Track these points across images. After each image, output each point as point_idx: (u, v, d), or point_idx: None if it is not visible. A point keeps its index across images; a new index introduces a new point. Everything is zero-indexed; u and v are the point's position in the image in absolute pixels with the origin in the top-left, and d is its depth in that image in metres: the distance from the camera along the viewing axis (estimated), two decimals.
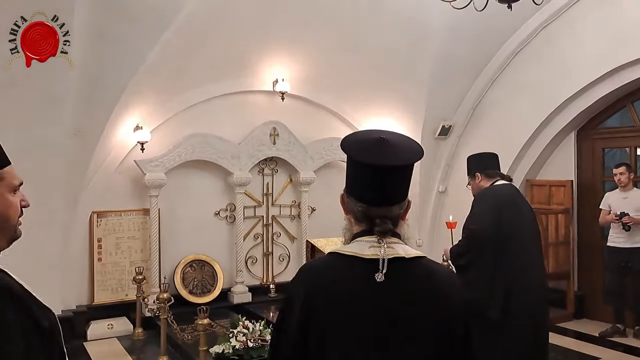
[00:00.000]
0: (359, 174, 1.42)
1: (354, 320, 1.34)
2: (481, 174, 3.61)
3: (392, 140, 1.42)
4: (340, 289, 1.36)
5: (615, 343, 5.38)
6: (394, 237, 1.40)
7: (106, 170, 5.67)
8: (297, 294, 1.40)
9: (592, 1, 5.61)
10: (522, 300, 3.30)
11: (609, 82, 5.65)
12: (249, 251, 6.49)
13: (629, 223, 5.24)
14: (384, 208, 1.39)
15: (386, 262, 1.33)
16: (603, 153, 6.27)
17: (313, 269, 1.48)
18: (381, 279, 1.32)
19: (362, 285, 1.34)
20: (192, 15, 4.88)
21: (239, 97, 6.26)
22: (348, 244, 1.44)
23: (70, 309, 5.42)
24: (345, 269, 1.38)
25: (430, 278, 1.41)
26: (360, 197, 1.41)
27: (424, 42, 5.94)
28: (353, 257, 1.38)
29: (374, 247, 1.36)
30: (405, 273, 1.37)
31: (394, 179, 1.40)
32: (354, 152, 1.43)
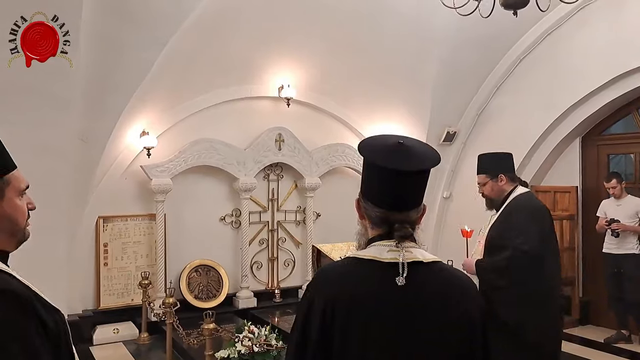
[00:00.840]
0: (379, 179, 1.41)
1: (376, 324, 1.34)
2: (505, 176, 3.30)
3: (410, 145, 1.44)
4: (361, 293, 1.36)
5: (620, 349, 5.36)
6: (412, 241, 1.41)
7: (112, 176, 5.70)
8: (318, 298, 1.39)
9: (597, 8, 5.63)
10: (554, 323, 3.22)
11: (614, 88, 5.66)
12: (254, 256, 6.50)
13: (617, 230, 5.33)
14: (403, 213, 1.40)
15: (406, 266, 1.34)
16: (608, 159, 6.27)
17: (333, 273, 1.47)
18: (402, 282, 1.33)
19: (383, 289, 1.35)
20: (198, 22, 4.91)
21: (244, 103, 6.30)
22: (365, 249, 1.44)
23: (76, 314, 5.45)
24: (365, 273, 1.39)
25: (449, 282, 1.42)
26: (380, 202, 1.41)
27: (429, 48, 5.96)
28: (372, 261, 1.38)
29: (393, 251, 1.37)
30: (424, 277, 1.38)
31: (414, 184, 1.41)
32: (375, 157, 1.43)
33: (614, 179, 5.44)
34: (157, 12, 4.70)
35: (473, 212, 6.79)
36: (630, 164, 6.43)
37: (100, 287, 5.71)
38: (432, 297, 1.37)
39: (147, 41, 4.86)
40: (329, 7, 5.37)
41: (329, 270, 1.52)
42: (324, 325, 1.36)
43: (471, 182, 6.86)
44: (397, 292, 1.34)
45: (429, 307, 1.36)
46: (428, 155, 1.45)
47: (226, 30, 5.27)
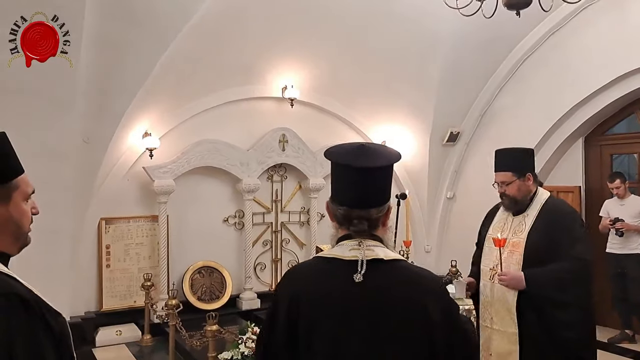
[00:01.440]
0: (340, 178, 1.51)
1: (336, 318, 1.42)
2: (532, 175, 2.99)
3: (371, 147, 1.54)
4: (322, 289, 1.45)
5: (624, 349, 5.36)
6: (374, 240, 1.48)
7: (115, 177, 5.69)
8: (283, 295, 1.51)
9: (600, 8, 5.63)
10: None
11: (617, 88, 5.65)
12: (258, 257, 6.50)
13: (621, 229, 5.32)
14: (363, 210, 1.47)
15: (365, 264, 1.41)
16: (611, 159, 6.26)
17: (296, 272, 1.59)
18: (359, 279, 1.40)
19: (342, 285, 1.42)
20: (201, 22, 4.91)
21: (248, 103, 6.30)
22: (333, 248, 1.52)
23: (78, 315, 5.44)
24: (326, 271, 1.48)
25: (409, 280, 1.47)
26: (342, 200, 1.50)
27: (432, 49, 5.96)
28: (334, 260, 1.47)
29: (354, 249, 1.45)
30: (383, 274, 1.43)
31: (371, 181, 1.48)
32: (335, 156, 1.52)
33: (617, 179, 5.44)
34: (160, 13, 4.69)
35: (477, 213, 6.79)
36: (634, 164, 6.42)
37: (103, 288, 5.71)
38: (390, 294, 1.42)
39: (149, 42, 4.85)
40: (332, 9, 5.36)
41: (294, 270, 1.63)
42: (290, 322, 1.45)
43: (474, 183, 6.90)
44: (356, 288, 1.40)
45: (386, 303, 1.41)
46: (385, 155, 1.53)
47: (229, 31, 5.27)
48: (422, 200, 7.14)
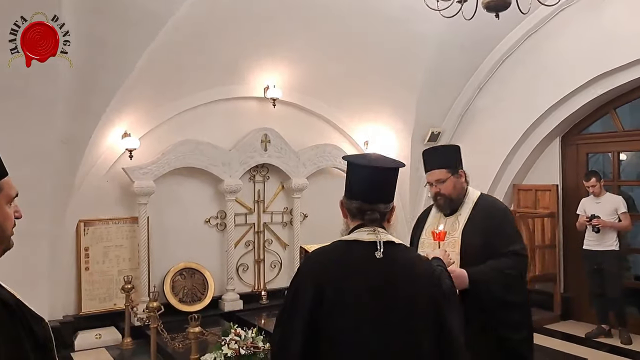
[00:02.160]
0: (355, 177, 1.83)
1: (360, 290, 1.67)
2: (464, 172, 2.88)
3: (380, 155, 1.93)
4: (346, 265, 1.72)
5: (600, 344, 5.48)
6: (384, 229, 1.79)
7: (94, 178, 5.60)
8: (310, 271, 1.76)
9: (576, 10, 5.75)
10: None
11: (592, 89, 5.79)
12: (240, 258, 6.47)
13: (597, 225, 5.43)
14: (374, 205, 1.79)
15: (382, 244, 1.71)
16: (587, 158, 6.40)
17: (322, 252, 1.83)
18: (380, 255, 1.70)
19: (365, 262, 1.71)
20: (182, 22, 4.86)
21: (229, 103, 6.25)
22: (350, 234, 1.80)
23: (56, 319, 5.34)
24: (349, 250, 1.75)
25: (416, 259, 1.86)
26: (356, 196, 1.81)
27: (414, 49, 6.01)
28: (355, 242, 1.76)
29: (371, 234, 1.75)
30: (397, 253, 1.76)
31: (380, 180, 1.81)
32: (355, 159, 1.89)
33: (593, 178, 5.55)
34: (140, 12, 4.62)
35: None
36: (608, 163, 6.57)
37: (82, 291, 5.61)
38: (403, 268, 1.75)
39: (129, 41, 4.78)
40: (315, 9, 5.37)
41: (317, 251, 1.87)
42: (316, 292, 1.67)
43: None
44: (377, 263, 1.70)
45: (401, 276, 1.73)
46: (394, 161, 1.92)
47: (210, 30, 5.23)
48: (405, 200, 7.19)
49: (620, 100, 5.94)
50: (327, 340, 1.64)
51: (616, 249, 5.49)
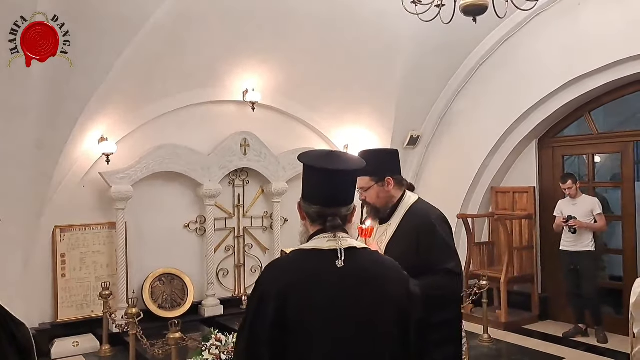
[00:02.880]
0: (314, 180, 1.70)
1: (322, 303, 1.56)
2: (393, 179, 2.60)
3: (339, 153, 1.82)
4: (307, 276, 1.60)
5: (578, 343, 5.58)
6: (345, 233, 1.68)
7: (70, 183, 5.52)
8: (269, 285, 1.60)
9: (551, 15, 5.86)
10: None
11: (567, 92, 5.89)
12: (220, 263, 6.42)
13: (574, 226, 5.54)
14: (334, 209, 1.67)
15: (343, 252, 1.60)
16: (563, 160, 6.51)
17: (280, 263, 1.75)
18: (341, 264, 1.58)
19: (326, 272, 1.59)
20: (158, 25, 4.82)
21: (208, 107, 6.21)
22: (307, 242, 1.69)
23: (32, 327, 5.21)
24: (308, 261, 1.63)
25: (381, 264, 1.71)
26: (316, 200, 1.69)
27: (392, 53, 6.05)
28: (314, 250, 1.64)
29: (331, 240, 1.63)
30: (359, 259, 1.64)
31: (340, 183, 1.69)
32: (312, 161, 1.72)
33: (569, 180, 5.65)
34: (115, 16, 4.59)
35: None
36: (584, 165, 6.70)
37: (58, 299, 5.51)
38: (367, 275, 1.63)
39: (104, 46, 4.74)
40: (294, 13, 5.37)
41: (277, 262, 1.78)
42: (278, 307, 1.54)
43: (434, 185, 7.04)
44: (338, 273, 1.58)
45: (365, 284, 1.61)
46: (354, 160, 1.77)
47: (188, 33, 5.20)
48: None
49: (594, 104, 6.07)
50: (292, 355, 1.55)
51: (592, 250, 5.60)
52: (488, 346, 5.51)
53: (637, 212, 5.77)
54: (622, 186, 5.94)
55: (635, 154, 6.15)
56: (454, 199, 6.74)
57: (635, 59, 5.29)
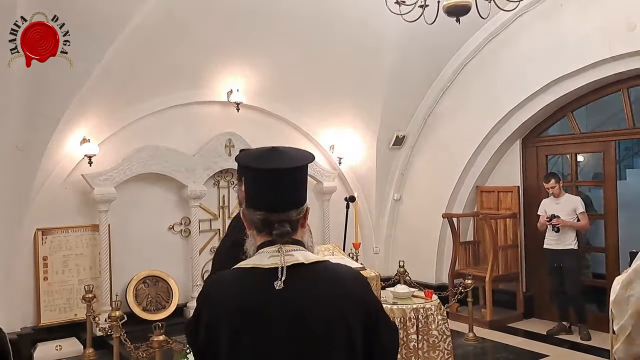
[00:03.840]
0: (255, 182, 1.47)
1: (257, 327, 1.36)
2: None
3: (283, 149, 1.50)
4: (242, 299, 1.39)
5: (561, 340, 5.63)
6: (295, 244, 1.44)
7: (52, 185, 5.44)
8: (203, 309, 1.44)
9: (534, 16, 5.91)
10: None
11: (550, 92, 5.95)
12: (206, 265, 6.35)
13: (557, 225, 5.59)
14: (283, 214, 1.43)
15: (285, 270, 1.36)
16: (546, 160, 6.57)
17: (216, 285, 1.50)
18: (280, 286, 1.35)
19: (263, 294, 1.37)
20: (142, 25, 4.78)
21: (192, 108, 6.16)
22: (253, 257, 1.46)
23: (14, 331, 5.15)
24: (246, 282, 1.41)
25: (332, 280, 1.44)
26: (259, 205, 1.45)
27: (378, 54, 6.06)
28: (254, 269, 1.41)
29: (274, 256, 1.40)
30: (305, 278, 1.39)
31: (287, 183, 1.45)
32: (249, 161, 1.50)
33: (552, 180, 5.71)
34: (98, 16, 4.54)
35: (422, 214, 6.99)
36: (567, 164, 6.78)
37: (41, 302, 5.43)
38: (312, 297, 1.39)
39: (86, 46, 4.68)
40: (278, 13, 5.35)
41: (212, 282, 1.55)
42: (208, 334, 1.39)
43: (419, 185, 7.08)
44: (277, 295, 1.35)
45: (309, 307, 1.37)
46: (298, 156, 1.50)
47: (172, 34, 5.15)
48: (371, 203, 7.24)
49: (576, 103, 6.13)
50: None
51: (575, 248, 5.66)
52: (473, 344, 5.55)
53: (619, 211, 5.85)
54: (604, 185, 6.02)
55: (616, 153, 6.24)
56: (439, 198, 6.78)
57: (616, 59, 5.36)
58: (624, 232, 5.79)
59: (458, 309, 6.31)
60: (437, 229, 6.81)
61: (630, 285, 2.18)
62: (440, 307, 4.41)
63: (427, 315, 4.25)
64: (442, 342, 4.26)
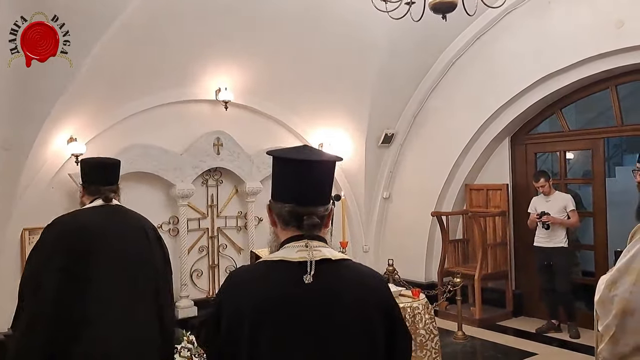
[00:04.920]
0: (287, 175, 1.49)
1: (286, 323, 1.37)
2: (84, 188, 2.97)
3: (313, 148, 1.63)
4: (270, 293, 1.39)
5: (551, 338, 5.65)
6: (321, 241, 1.47)
7: (38, 185, 5.38)
8: (227, 300, 1.44)
9: (522, 13, 5.91)
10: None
11: (539, 90, 5.96)
12: (194, 264, 6.33)
13: (547, 222, 5.60)
14: (310, 207, 1.46)
15: (314, 264, 1.38)
16: (535, 157, 6.58)
17: (242, 277, 1.51)
18: (309, 280, 1.36)
19: (292, 288, 1.38)
20: (129, 22, 4.73)
21: (180, 106, 6.11)
22: (276, 251, 1.48)
23: (1, 332, 5.10)
24: (274, 274, 1.42)
25: (358, 278, 1.48)
26: (288, 197, 1.47)
27: (366, 52, 6.04)
28: (281, 262, 1.42)
29: (302, 251, 1.41)
30: (332, 274, 1.42)
31: (317, 177, 1.49)
32: (282, 153, 1.53)
33: (542, 178, 5.71)
34: (83, 14, 4.49)
35: (411, 212, 6.98)
36: (556, 162, 6.79)
37: None
38: (340, 293, 1.41)
39: (72, 43, 4.62)
40: (266, 11, 5.32)
41: (238, 274, 1.55)
42: (232, 328, 1.39)
43: (408, 183, 7.07)
44: (306, 290, 1.37)
45: (337, 302, 1.40)
46: (328, 154, 1.62)
47: (159, 31, 5.10)
48: (360, 201, 7.22)
49: (565, 101, 6.14)
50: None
51: (565, 246, 5.67)
52: (462, 343, 5.55)
53: (608, 208, 5.86)
54: (593, 182, 6.03)
55: (605, 151, 6.26)
56: (428, 196, 6.78)
57: (604, 56, 5.37)
58: (613, 230, 5.79)
59: (447, 308, 6.32)
60: (427, 227, 6.81)
61: (614, 285, 2.17)
62: (428, 306, 4.40)
63: (415, 314, 4.25)
64: (429, 342, 4.26)
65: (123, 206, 2.97)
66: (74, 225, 2.74)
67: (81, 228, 2.70)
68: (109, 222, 2.77)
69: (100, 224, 2.72)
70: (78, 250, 2.60)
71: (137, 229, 2.87)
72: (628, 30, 5.07)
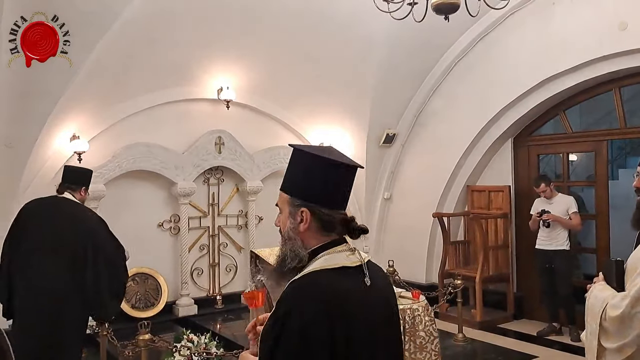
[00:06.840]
0: (338, 180, 1.46)
1: (364, 322, 1.39)
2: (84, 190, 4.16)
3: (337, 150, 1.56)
4: (348, 299, 1.38)
5: (552, 341, 5.61)
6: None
7: (41, 182, 5.40)
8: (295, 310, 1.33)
9: (526, 14, 5.88)
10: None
11: (542, 91, 5.91)
12: (195, 263, 6.36)
13: (548, 220, 5.58)
14: (343, 211, 1.48)
15: (367, 268, 1.44)
16: (538, 159, 6.54)
17: (313, 288, 1.39)
18: (369, 282, 1.42)
19: (360, 292, 1.41)
20: (132, 21, 4.75)
21: (182, 105, 6.14)
22: (325, 258, 1.42)
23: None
24: (341, 281, 1.40)
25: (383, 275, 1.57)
26: (340, 203, 1.47)
27: (367, 52, 6.03)
28: (342, 269, 1.41)
29: (352, 255, 1.44)
30: (375, 274, 1.47)
31: (352, 182, 1.51)
32: (328, 157, 1.45)
33: (542, 184, 5.67)
34: (85, 13, 4.51)
35: (413, 213, 6.96)
36: (559, 164, 6.75)
37: None
38: (386, 291, 1.53)
39: (75, 42, 4.64)
40: (268, 11, 5.32)
41: (308, 284, 1.40)
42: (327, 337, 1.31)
43: (410, 184, 7.05)
44: (369, 291, 1.42)
45: (388, 300, 1.51)
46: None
47: (162, 30, 5.12)
48: (360, 202, 7.21)
49: (569, 103, 6.10)
50: None
51: (567, 249, 5.63)
52: (463, 345, 5.52)
53: (610, 211, 5.82)
54: (596, 185, 5.99)
55: (609, 153, 6.21)
56: (429, 197, 6.76)
57: (608, 58, 5.33)
58: (616, 233, 5.76)
59: (448, 310, 6.30)
60: (428, 228, 6.79)
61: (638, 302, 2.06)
62: (428, 308, 4.38)
63: (414, 316, 4.22)
64: (429, 344, 4.23)
65: (68, 199, 3.95)
66: (23, 208, 3.97)
67: (25, 208, 3.95)
68: (44, 207, 3.91)
69: (36, 208, 3.92)
70: (19, 225, 3.85)
71: (66, 214, 3.88)
72: (632, 32, 5.04)
